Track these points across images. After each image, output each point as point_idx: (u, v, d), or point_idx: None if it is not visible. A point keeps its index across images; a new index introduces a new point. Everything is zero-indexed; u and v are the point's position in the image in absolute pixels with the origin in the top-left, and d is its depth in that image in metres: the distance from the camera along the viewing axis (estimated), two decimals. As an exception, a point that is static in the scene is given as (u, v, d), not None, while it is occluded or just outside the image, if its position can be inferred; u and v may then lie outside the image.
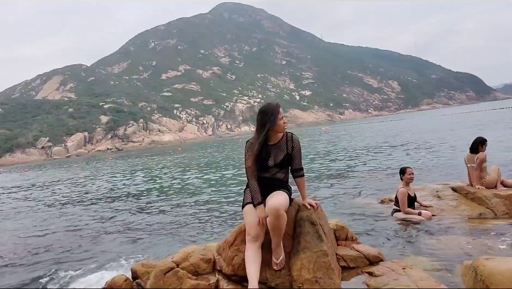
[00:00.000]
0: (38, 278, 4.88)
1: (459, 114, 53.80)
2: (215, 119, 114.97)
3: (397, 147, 17.42)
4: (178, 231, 6.48)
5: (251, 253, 2.90)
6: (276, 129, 3.03)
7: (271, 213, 2.80)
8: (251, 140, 3.11)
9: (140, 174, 19.74)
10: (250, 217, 3.00)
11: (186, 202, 9.37)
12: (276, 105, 3.05)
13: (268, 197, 3.01)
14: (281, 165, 3.10)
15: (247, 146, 3.11)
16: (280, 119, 3.01)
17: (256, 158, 3.00)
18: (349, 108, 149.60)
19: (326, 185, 9.34)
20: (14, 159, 71.13)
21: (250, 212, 3.04)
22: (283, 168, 3.14)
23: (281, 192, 3.03)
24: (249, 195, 3.11)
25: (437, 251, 3.90)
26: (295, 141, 3.13)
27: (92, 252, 5.77)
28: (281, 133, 3.10)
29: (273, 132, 3.04)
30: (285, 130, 3.11)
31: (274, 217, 2.80)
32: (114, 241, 6.31)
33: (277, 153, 3.08)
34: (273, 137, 3.07)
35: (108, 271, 4.73)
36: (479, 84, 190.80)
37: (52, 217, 9.43)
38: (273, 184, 3.09)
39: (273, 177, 3.10)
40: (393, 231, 4.90)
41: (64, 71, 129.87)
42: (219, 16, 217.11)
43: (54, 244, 6.61)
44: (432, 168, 10.13)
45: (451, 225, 4.78)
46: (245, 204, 3.10)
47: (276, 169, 3.09)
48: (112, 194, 12.63)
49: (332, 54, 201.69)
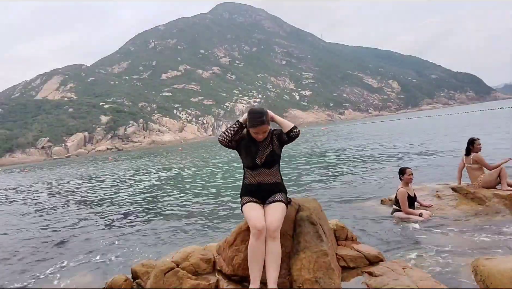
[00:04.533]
0: (38, 278, 4.88)
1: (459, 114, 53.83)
2: (215, 119, 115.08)
3: (397, 147, 17.42)
4: (178, 231, 6.48)
5: (255, 250, 2.83)
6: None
7: (268, 233, 2.84)
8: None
9: (140, 174, 19.74)
10: (252, 211, 2.97)
11: (186, 201, 9.37)
12: (259, 120, 2.96)
13: (267, 207, 3.01)
14: (269, 163, 3.08)
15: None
16: (253, 132, 3.01)
17: (246, 145, 3.09)
18: (349, 108, 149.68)
19: (326, 185, 9.34)
20: (14, 159, 71.19)
21: (250, 208, 3.01)
22: (272, 167, 3.12)
23: (279, 204, 3.00)
24: (244, 198, 3.11)
25: (437, 251, 3.90)
26: (276, 134, 3.12)
27: (92, 252, 5.76)
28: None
29: None
30: (262, 137, 3.06)
31: (270, 237, 2.84)
32: (114, 241, 6.31)
33: (263, 152, 3.08)
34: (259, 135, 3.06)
35: (108, 271, 4.73)
36: (479, 84, 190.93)
37: (51, 217, 9.43)
38: (270, 187, 3.09)
39: (267, 182, 3.10)
40: (393, 231, 4.90)
41: (64, 71, 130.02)
42: (219, 16, 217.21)
43: (53, 244, 6.61)
44: (432, 167, 10.12)
45: (451, 225, 4.78)
46: (244, 204, 3.09)
47: (265, 169, 3.09)
48: (111, 194, 12.63)
49: (332, 54, 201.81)
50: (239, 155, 3.21)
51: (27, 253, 6.19)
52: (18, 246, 6.80)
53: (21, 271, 5.25)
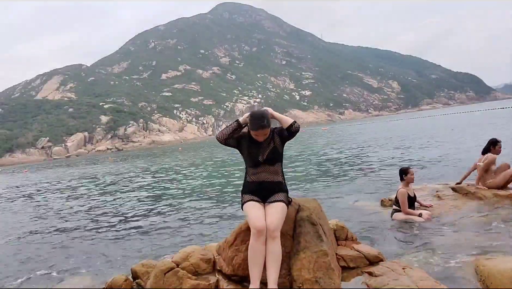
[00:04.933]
0: (38, 278, 4.88)
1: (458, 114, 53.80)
2: (215, 119, 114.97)
3: (397, 147, 17.42)
4: (178, 231, 6.48)
5: (255, 250, 2.83)
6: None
7: (268, 233, 2.84)
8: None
9: (140, 174, 19.74)
10: (253, 211, 2.96)
11: (186, 201, 9.37)
12: (260, 124, 2.97)
13: (268, 206, 3.01)
14: (271, 160, 3.10)
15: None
16: (254, 135, 3.05)
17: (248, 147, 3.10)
18: (349, 108, 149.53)
19: (326, 185, 9.34)
20: (14, 159, 71.13)
21: (251, 207, 3.01)
22: (274, 164, 3.13)
23: (279, 204, 3.01)
24: (245, 196, 3.11)
25: (437, 251, 3.90)
26: (277, 131, 3.15)
27: (92, 252, 5.76)
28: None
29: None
30: (263, 138, 3.08)
31: (270, 237, 2.83)
32: (114, 241, 6.31)
33: (265, 149, 3.09)
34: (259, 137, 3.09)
35: (108, 271, 4.73)
36: (479, 84, 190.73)
37: (51, 217, 9.43)
38: (271, 186, 3.09)
39: (268, 181, 3.10)
40: (393, 231, 4.91)
41: (64, 71, 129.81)
42: (219, 16, 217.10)
43: (53, 244, 6.61)
44: (432, 167, 10.13)
45: (450, 225, 4.78)
46: (244, 202, 3.09)
47: (268, 166, 3.09)
48: (111, 194, 12.63)
49: (332, 54, 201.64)
50: (241, 153, 3.21)
51: (27, 253, 6.19)
52: (18, 246, 6.80)
53: (21, 271, 5.25)
